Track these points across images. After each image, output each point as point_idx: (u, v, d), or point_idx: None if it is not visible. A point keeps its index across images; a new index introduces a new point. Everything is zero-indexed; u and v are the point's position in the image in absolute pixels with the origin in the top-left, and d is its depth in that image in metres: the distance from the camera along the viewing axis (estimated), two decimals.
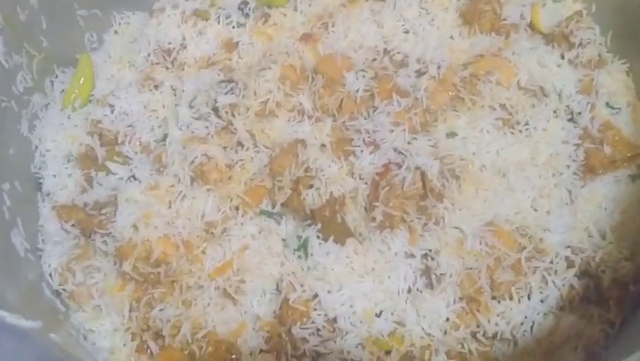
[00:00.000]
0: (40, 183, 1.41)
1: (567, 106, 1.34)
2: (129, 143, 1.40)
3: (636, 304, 1.19)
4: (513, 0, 1.45)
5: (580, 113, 1.33)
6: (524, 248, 1.21)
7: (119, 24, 1.58)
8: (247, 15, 1.53)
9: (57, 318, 1.26)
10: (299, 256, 1.25)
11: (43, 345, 1.04)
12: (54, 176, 1.41)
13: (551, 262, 1.21)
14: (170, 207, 1.30)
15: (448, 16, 1.43)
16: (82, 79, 1.48)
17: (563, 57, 1.38)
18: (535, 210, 1.26)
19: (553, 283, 1.20)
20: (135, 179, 1.35)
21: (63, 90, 1.48)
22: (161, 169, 1.35)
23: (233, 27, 1.51)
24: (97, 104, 1.46)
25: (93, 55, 1.53)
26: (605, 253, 1.22)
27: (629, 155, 1.30)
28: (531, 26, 1.45)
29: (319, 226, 1.24)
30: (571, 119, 1.34)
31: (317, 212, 1.25)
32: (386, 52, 1.43)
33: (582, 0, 1.48)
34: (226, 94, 1.36)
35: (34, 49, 1.39)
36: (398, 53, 1.42)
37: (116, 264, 1.29)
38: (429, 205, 1.25)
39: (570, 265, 1.22)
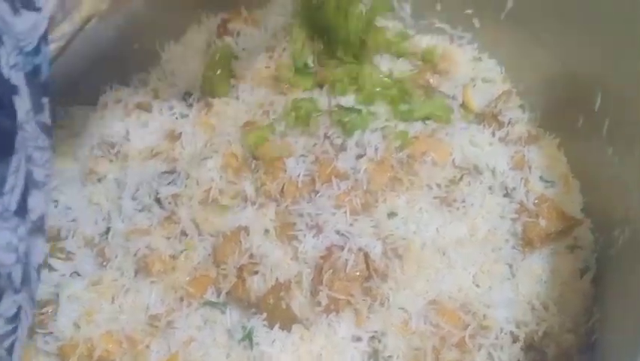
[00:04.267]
0: None
1: (501, 182, 1.38)
2: (72, 237, 1.38)
3: None
4: (444, 83, 1.51)
5: (514, 188, 1.37)
6: (468, 325, 1.21)
7: (63, 119, 1.59)
8: (190, 105, 1.56)
9: None
10: (244, 347, 1.23)
11: None
12: None
13: (496, 338, 1.22)
14: (113, 302, 1.28)
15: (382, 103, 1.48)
16: None
17: (494, 135, 1.43)
18: (478, 286, 1.27)
19: (500, 359, 1.20)
20: (78, 275, 1.34)
21: None
22: (104, 263, 1.34)
23: (177, 118, 1.54)
24: None
25: None
26: (548, 326, 1.23)
27: (564, 226, 1.34)
28: (463, 106, 1.51)
29: (264, 315, 1.24)
30: (506, 195, 1.37)
31: (261, 301, 1.24)
32: (326, 136, 1.46)
33: (510, 79, 1.56)
34: (168, 184, 1.38)
35: None
36: (338, 137, 1.44)
37: None
38: (373, 286, 1.26)
39: (515, 339, 1.23)
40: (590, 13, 1.31)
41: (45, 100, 0.93)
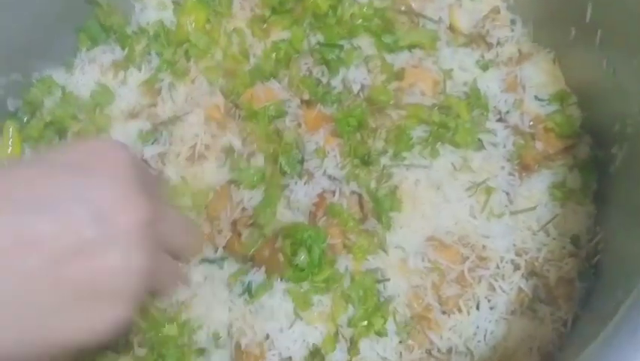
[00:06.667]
0: None
1: (494, 107, 1.32)
2: None
3: (584, 301, 1.19)
4: (428, 5, 1.43)
5: (508, 111, 1.32)
6: (467, 258, 1.20)
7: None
8: None
9: None
10: (245, 300, 1.23)
11: None
12: None
13: (497, 267, 1.21)
14: None
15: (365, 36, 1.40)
16: (9, 148, 1.45)
17: (483, 58, 1.37)
18: (475, 217, 1.24)
19: (501, 288, 1.19)
20: None
21: None
22: None
23: (155, 72, 1.48)
24: None
25: (17, 120, 1.49)
26: (548, 251, 1.21)
27: (562, 146, 1.30)
28: (451, 29, 1.43)
29: (262, 267, 1.23)
30: (500, 119, 1.32)
31: (257, 254, 1.24)
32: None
33: None
34: (152, 144, 1.35)
35: None
36: (322, 76, 1.38)
37: None
38: (369, 227, 1.24)
39: (516, 267, 1.21)
40: None
41: None
